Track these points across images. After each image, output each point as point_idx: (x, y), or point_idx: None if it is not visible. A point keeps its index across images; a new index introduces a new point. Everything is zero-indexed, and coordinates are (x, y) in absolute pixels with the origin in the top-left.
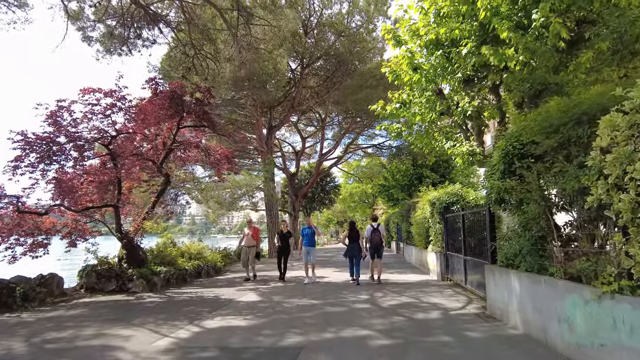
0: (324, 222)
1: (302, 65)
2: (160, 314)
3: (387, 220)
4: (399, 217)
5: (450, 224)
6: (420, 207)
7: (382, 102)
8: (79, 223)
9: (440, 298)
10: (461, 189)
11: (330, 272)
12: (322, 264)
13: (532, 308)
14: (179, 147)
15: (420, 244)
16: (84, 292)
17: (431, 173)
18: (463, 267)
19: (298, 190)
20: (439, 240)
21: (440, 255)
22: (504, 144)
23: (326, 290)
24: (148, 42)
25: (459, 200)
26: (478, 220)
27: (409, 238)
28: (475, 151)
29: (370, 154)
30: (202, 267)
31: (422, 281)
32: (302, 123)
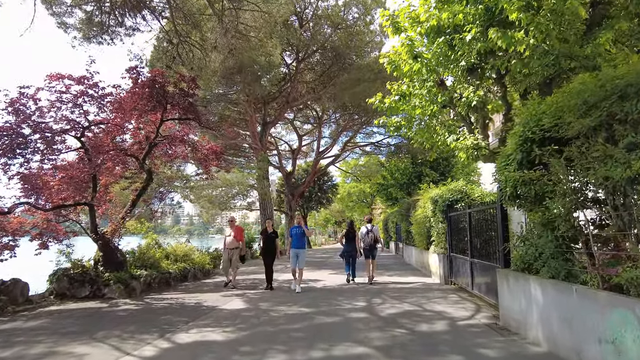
0: (322, 222)
1: (298, 59)
2: (130, 325)
3: (386, 219)
4: (398, 217)
5: (454, 223)
6: (421, 206)
7: (380, 94)
8: (51, 223)
9: (445, 305)
10: (465, 186)
11: (326, 275)
12: (318, 266)
13: (560, 322)
14: (164, 141)
15: (420, 245)
16: (54, 298)
17: (431, 171)
18: (469, 270)
19: (294, 189)
20: (441, 241)
21: (444, 257)
22: (521, 130)
23: (320, 296)
24: (131, 30)
25: (464, 198)
26: (487, 218)
27: (409, 238)
28: (480, 145)
29: (368, 152)
30: (188, 270)
31: (424, 285)
32: (298, 120)
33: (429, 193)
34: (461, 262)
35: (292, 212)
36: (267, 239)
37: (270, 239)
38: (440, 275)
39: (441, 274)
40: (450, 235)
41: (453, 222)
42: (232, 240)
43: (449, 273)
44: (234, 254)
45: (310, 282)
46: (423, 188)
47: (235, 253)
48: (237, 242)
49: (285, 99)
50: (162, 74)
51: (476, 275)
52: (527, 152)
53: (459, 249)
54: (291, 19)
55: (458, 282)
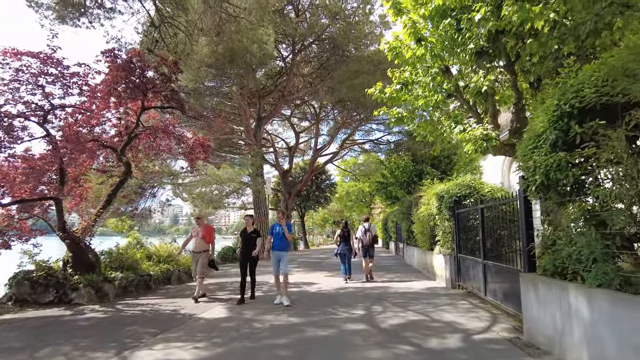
0: (320, 222)
1: (294, 51)
2: (86, 338)
3: (385, 219)
4: (399, 215)
5: (463, 220)
6: (424, 203)
7: (380, 84)
8: (14, 220)
9: (456, 314)
10: (474, 180)
11: (321, 277)
12: (313, 268)
13: (620, 346)
14: (146, 132)
15: (423, 245)
16: (12, 305)
17: (432, 169)
18: (482, 273)
19: (291, 187)
20: (448, 241)
21: (450, 258)
22: (556, 104)
23: (313, 303)
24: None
25: (473, 193)
26: (502, 216)
27: (410, 238)
28: (490, 135)
29: (367, 150)
30: (172, 272)
31: (429, 289)
32: (295, 117)
33: (433, 189)
34: (471, 264)
35: (288, 211)
36: (246, 240)
37: (250, 240)
38: (446, 278)
39: (447, 277)
40: (458, 235)
41: (461, 219)
42: (199, 242)
43: (456, 276)
44: (202, 259)
45: (304, 286)
46: (426, 184)
47: (202, 257)
48: (206, 244)
49: (281, 93)
50: (139, 55)
51: (490, 279)
52: (563, 131)
53: (468, 249)
54: (287, 9)
55: (467, 286)
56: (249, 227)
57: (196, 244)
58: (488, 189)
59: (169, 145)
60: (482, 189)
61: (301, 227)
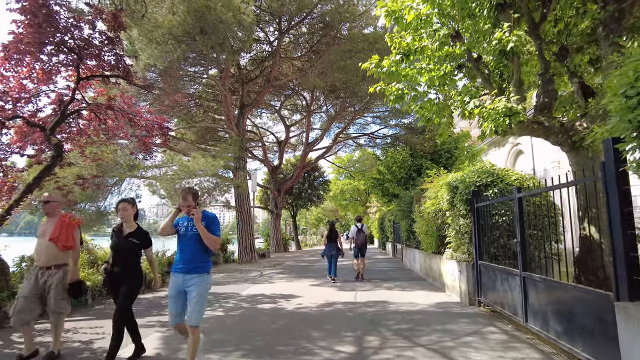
0: (314, 222)
1: (280, 30)
2: None
3: (382, 218)
4: (399, 214)
5: (485, 217)
6: (430, 197)
7: (376, 56)
8: None
9: (489, 353)
10: (494, 167)
11: (305, 287)
12: (299, 273)
13: None
14: (88, 109)
15: (428, 248)
16: None
17: (432, 164)
18: (520, 290)
19: (281, 184)
20: (463, 243)
21: (467, 266)
22: None
23: (285, 329)
24: None
25: (496, 182)
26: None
27: (411, 239)
28: (515, 109)
29: (362, 145)
30: None
31: (439, 306)
32: (286, 109)
33: (444, 178)
34: (500, 275)
35: (278, 210)
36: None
37: (129, 251)
38: (460, 291)
39: (463, 290)
40: (478, 235)
41: (482, 216)
42: (47, 249)
43: (476, 289)
44: (53, 281)
45: (281, 301)
46: (432, 174)
47: (54, 278)
48: (62, 251)
49: (266, 78)
50: None
51: (536, 300)
52: None
53: (493, 255)
54: None
55: (492, 304)
56: (126, 223)
57: (41, 253)
58: (515, 176)
59: (120, 127)
60: (508, 177)
61: (293, 227)
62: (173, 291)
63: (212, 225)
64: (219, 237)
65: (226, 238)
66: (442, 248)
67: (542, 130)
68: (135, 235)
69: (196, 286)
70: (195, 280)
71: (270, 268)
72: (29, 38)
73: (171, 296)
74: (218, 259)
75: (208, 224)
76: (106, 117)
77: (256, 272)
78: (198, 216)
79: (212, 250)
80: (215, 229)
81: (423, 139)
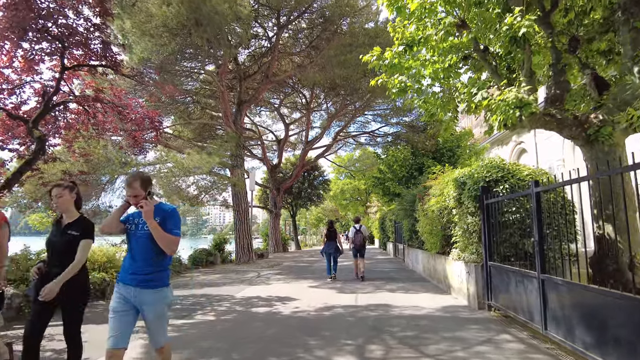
0: (314, 221)
1: (279, 25)
2: None
3: (383, 218)
4: (400, 213)
5: (496, 214)
6: (435, 194)
7: (378, 48)
8: None
9: None
10: (504, 161)
11: (304, 289)
12: (297, 274)
13: None
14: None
15: (433, 248)
16: None
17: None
18: (538, 294)
19: (280, 183)
20: (472, 243)
21: (476, 267)
22: None
23: (278, 337)
24: None
25: (507, 177)
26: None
27: (413, 239)
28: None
29: (362, 143)
30: (108, 283)
31: (446, 310)
32: (285, 106)
33: (449, 174)
34: (513, 277)
35: (277, 210)
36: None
37: (67, 245)
38: (468, 294)
39: (471, 293)
40: (488, 234)
41: (493, 213)
42: None
43: (485, 291)
44: None
45: (277, 305)
46: (436, 172)
47: None
48: None
49: (264, 74)
50: None
51: (557, 305)
52: None
53: (505, 255)
54: None
55: (503, 308)
56: (66, 213)
57: None
58: (527, 171)
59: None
60: (519, 172)
61: (293, 227)
62: (119, 305)
63: (170, 221)
64: (177, 237)
65: (224, 238)
66: (447, 248)
67: (555, 123)
68: (75, 227)
69: (153, 306)
70: (151, 298)
71: (268, 269)
72: (7, 22)
73: (116, 311)
74: (215, 259)
75: (164, 220)
76: (95, 111)
77: (253, 272)
78: (148, 209)
79: (169, 254)
80: (173, 226)
81: (425, 137)
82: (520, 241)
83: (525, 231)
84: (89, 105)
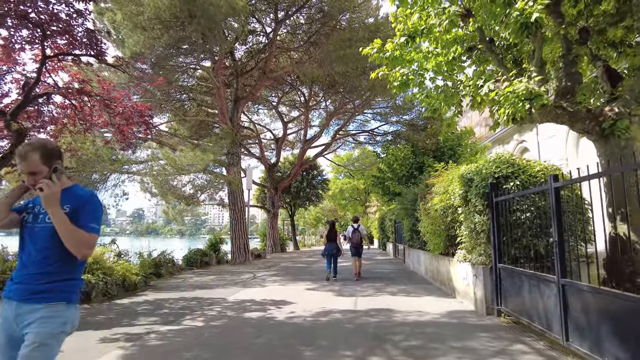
0: (312, 221)
1: (276, 20)
2: None
3: (382, 217)
4: (401, 212)
5: (506, 213)
6: (438, 192)
7: (378, 40)
8: None
9: None
10: (513, 157)
11: (301, 292)
12: (295, 276)
13: None
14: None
15: (436, 249)
16: None
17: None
18: (558, 300)
19: (278, 182)
20: (480, 244)
21: (484, 270)
22: None
23: (271, 345)
24: None
25: (517, 173)
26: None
27: (414, 239)
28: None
29: (362, 142)
30: (93, 285)
31: (452, 315)
32: (284, 105)
33: (454, 171)
34: (527, 281)
35: (275, 209)
36: None
37: None
38: (475, 297)
39: (479, 297)
40: (498, 235)
41: (503, 212)
42: None
43: (494, 296)
44: None
45: (271, 309)
46: (439, 169)
47: None
48: None
49: (262, 70)
50: None
51: (579, 314)
52: None
53: (514, 257)
54: None
55: (516, 314)
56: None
57: None
58: (538, 167)
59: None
60: (530, 167)
61: (291, 227)
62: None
63: (85, 211)
64: (93, 235)
65: (220, 238)
66: (451, 249)
67: (567, 117)
68: None
69: (39, 325)
70: (39, 314)
71: (264, 270)
72: None
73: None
74: (211, 260)
75: (76, 210)
76: (82, 104)
77: (249, 274)
78: (49, 193)
79: (80, 259)
80: (89, 219)
81: (425, 136)
82: (533, 242)
83: (540, 231)
84: (74, 98)
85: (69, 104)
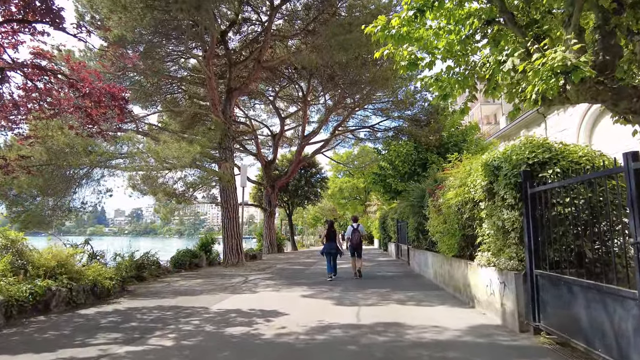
0: (311, 221)
1: (272, 5)
2: None
3: (383, 217)
4: (406, 209)
5: (545, 207)
6: (454, 185)
7: (383, 17)
8: None
9: None
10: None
11: (295, 299)
12: (291, 279)
13: None
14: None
15: (450, 251)
16: None
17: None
18: (637, 323)
19: (275, 180)
20: (509, 245)
21: (517, 277)
22: None
23: None
24: None
25: (556, 159)
26: None
27: (421, 239)
28: (576, 62)
29: (362, 139)
30: (54, 292)
31: (477, 333)
32: (281, 100)
33: (474, 159)
34: (582, 294)
35: (271, 208)
36: None
37: None
38: (504, 310)
39: (508, 309)
40: (535, 234)
41: (541, 206)
42: None
43: (530, 309)
44: None
45: (258, 322)
46: (452, 159)
47: None
48: None
49: (256, 59)
50: None
51: None
52: None
53: (553, 262)
54: None
55: (564, 334)
56: None
57: None
58: (581, 152)
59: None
60: (571, 153)
61: (289, 226)
62: None
63: None
64: None
65: (212, 238)
66: (467, 251)
67: (609, 94)
68: None
69: None
70: None
71: (257, 272)
72: None
73: None
74: (201, 262)
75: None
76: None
77: (240, 277)
78: None
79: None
80: None
81: (428, 132)
82: (587, 244)
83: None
84: (37, 77)
85: (32, 86)
